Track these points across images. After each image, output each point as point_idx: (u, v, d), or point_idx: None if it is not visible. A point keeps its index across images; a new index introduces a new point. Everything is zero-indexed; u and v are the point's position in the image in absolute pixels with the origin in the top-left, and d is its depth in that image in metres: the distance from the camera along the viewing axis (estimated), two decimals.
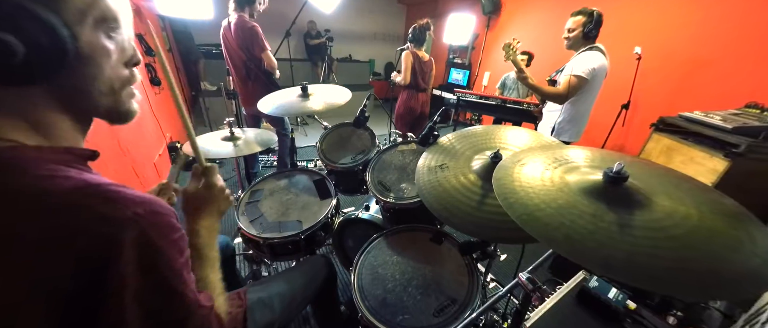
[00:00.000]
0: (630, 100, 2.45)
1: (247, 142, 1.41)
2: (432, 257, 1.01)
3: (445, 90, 5.19)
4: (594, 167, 0.60)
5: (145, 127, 2.38)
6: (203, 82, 4.36)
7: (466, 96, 3.03)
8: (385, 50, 6.65)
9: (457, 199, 0.79)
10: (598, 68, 1.67)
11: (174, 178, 0.81)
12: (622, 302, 0.79)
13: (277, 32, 2.74)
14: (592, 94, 1.80)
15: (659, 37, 2.59)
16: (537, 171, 0.63)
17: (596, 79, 1.71)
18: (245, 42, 2.13)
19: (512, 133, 0.98)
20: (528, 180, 0.61)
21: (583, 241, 0.45)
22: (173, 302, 0.42)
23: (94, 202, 0.36)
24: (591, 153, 0.67)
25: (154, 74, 2.78)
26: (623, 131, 2.72)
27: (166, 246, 0.41)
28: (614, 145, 2.89)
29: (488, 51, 4.89)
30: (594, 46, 1.72)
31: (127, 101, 0.47)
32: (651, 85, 2.62)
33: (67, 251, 0.34)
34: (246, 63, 2.20)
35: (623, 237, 0.44)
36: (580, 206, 0.51)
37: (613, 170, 0.51)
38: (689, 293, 0.39)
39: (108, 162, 1.54)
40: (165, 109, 3.06)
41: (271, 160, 3.24)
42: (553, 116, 1.93)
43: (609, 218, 0.47)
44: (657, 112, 1.91)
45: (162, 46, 3.25)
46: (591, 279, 0.84)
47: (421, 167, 0.96)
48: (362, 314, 0.84)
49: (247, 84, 2.26)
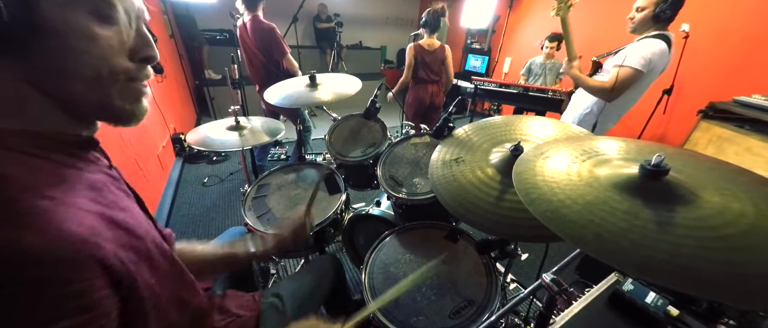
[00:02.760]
0: (673, 85, 2.31)
1: (253, 132, 1.44)
2: (447, 255, 1.00)
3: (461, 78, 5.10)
4: (628, 159, 0.58)
5: (147, 118, 2.43)
6: (207, 70, 4.35)
7: (484, 84, 2.96)
8: (397, 36, 6.55)
9: (473, 195, 0.78)
10: (658, 62, 1.44)
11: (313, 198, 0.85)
12: (662, 308, 0.75)
13: (283, 16, 2.75)
14: (639, 92, 1.58)
15: (711, 12, 2.39)
16: (562, 164, 0.61)
17: (652, 74, 1.47)
18: (264, 43, 2.18)
19: (535, 124, 0.95)
20: (552, 174, 0.59)
21: (616, 240, 0.43)
22: None
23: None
24: (625, 144, 0.64)
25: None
26: (664, 120, 2.59)
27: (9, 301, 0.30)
28: (653, 136, 2.76)
29: (510, 34, 4.74)
30: (662, 33, 1.46)
31: (118, 97, 0.43)
32: (699, 67, 2.45)
33: None
34: (265, 65, 2.26)
35: (662, 236, 0.42)
36: (611, 202, 0.49)
37: (652, 163, 0.48)
38: (745, 300, 0.37)
39: (110, 153, 1.56)
40: (169, 98, 3.09)
41: (278, 154, 3.29)
42: (580, 105, 1.75)
43: (645, 216, 0.45)
44: (705, 98, 1.80)
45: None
46: (625, 282, 0.81)
47: (435, 161, 0.95)
48: (374, 315, 0.85)
49: (265, 80, 2.30)
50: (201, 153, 3.13)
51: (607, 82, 1.52)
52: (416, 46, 2.51)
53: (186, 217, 2.31)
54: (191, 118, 4.05)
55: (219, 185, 2.74)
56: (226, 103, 3.77)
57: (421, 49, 2.51)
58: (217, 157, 3.15)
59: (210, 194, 2.60)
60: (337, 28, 4.97)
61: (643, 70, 1.43)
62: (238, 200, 2.45)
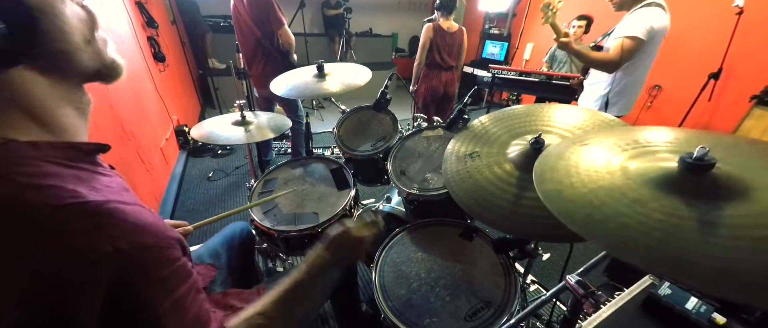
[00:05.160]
0: (722, 68, 2.17)
1: (259, 128, 1.45)
2: (462, 254, 0.99)
3: (478, 67, 5.01)
4: (668, 151, 0.55)
5: (149, 109, 2.44)
6: (211, 59, 4.33)
7: (502, 73, 2.90)
8: (410, 22, 6.47)
9: (490, 192, 0.77)
10: (658, 28, 1.53)
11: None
12: (705, 315, 0.72)
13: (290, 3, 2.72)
14: (649, 59, 1.66)
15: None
16: (592, 159, 0.58)
17: (654, 40, 1.57)
18: (260, 15, 2.08)
19: (560, 112, 0.91)
20: (578, 170, 0.57)
21: (650, 242, 0.41)
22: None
23: (76, 228, 0.35)
24: (664, 134, 0.61)
25: (157, 49, 2.73)
26: (709, 108, 2.44)
27: (148, 287, 0.39)
28: (696, 125, 2.61)
29: (532, 17, 4.61)
30: (651, 1, 1.56)
31: (105, 50, 0.47)
32: (754, 46, 2.27)
33: (27, 281, 0.33)
34: (260, 40, 2.17)
35: (706, 238, 0.39)
36: (644, 200, 0.46)
37: (694, 156, 0.46)
38: None
39: (111, 148, 1.59)
40: (171, 89, 3.10)
41: (285, 147, 3.32)
42: (597, 89, 1.80)
43: (686, 215, 0.43)
44: (761, 82, 1.69)
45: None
46: (661, 285, 0.78)
47: (448, 155, 0.93)
48: (385, 315, 0.85)
49: (259, 63, 2.25)
50: (206, 146, 3.18)
51: (611, 53, 1.59)
52: (435, 26, 2.45)
53: (191, 212, 2.37)
54: (195, 110, 4.09)
55: (224, 179, 2.79)
56: (231, 95, 3.82)
57: (440, 30, 2.46)
58: (223, 150, 3.20)
59: (215, 189, 2.65)
60: (346, 14, 4.91)
61: (643, 38, 1.52)
62: (245, 195, 2.49)
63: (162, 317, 0.40)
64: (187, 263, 0.47)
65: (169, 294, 0.42)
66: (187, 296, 0.44)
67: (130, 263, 0.37)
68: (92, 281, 0.35)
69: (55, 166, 0.38)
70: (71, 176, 0.40)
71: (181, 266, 0.45)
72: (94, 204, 0.37)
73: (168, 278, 0.42)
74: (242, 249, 1.13)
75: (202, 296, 0.49)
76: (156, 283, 0.40)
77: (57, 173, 0.38)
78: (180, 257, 0.45)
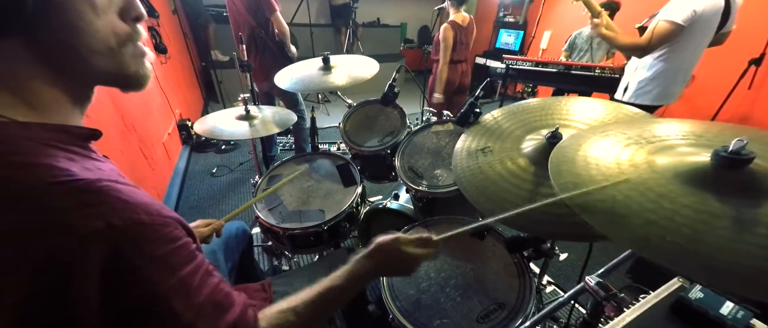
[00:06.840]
0: (765, 53, 2.05)
1: (264, 122, 1.46)
2: (473, 253, 0.99)
3: (491, 57, 4.94)
4: (699, 145, 0.53)
5: (151, 102, 2.46)
6: (214, 50, 4.32)
7: (517, 63, 2.85)
8: (419, 12, 6.41)
9: (502, 188, 0.75)
10: (702, 12, 1.44)
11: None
12: (743, 322, 0.68)
13: None
14: (693, 47, 1.57)
15: None
16: (611, 153, 0.57)
17: (697, 25, 1.47)
18: (254, 2, 2.09)
19: (579, 105, 0.90)
20: (598, 165, 0.55)
21: (679, 239, 0.40)
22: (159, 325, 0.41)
23: (69, 204, 0.36)
24: (692, 127, 0.59)
25: (158, 40, 2.72)
26: (749, 97, 2.31)
27: (146, 264, 0.39)
28: (733, 116, 2.49)
29: (551, 3, 4.49)
30: None
31: (133, 63, 0.46)
32: None
33: (24, 260, 0.34)
34: (255, 29, 2.18)
35: (742, 237, 0.38)
36: (672, 196, 0.45)
37: (730, 150, 0.44)
38: None
39: (112, 141, 1.58)
40: (173, 82, 3.13)
41: (290, 142, 3.34)
42: (636, 75, 1.74)
43: (719, 212, 0.41)
44: None
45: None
46: (691, 288, 0.75)
47: (459, 151, 0.93)
48: (393, 316, 0.85)
49: (255, 56, 2.26)
50: (209, 141, 3.22)
51: (642, 38, 1.54)
52: (453, 24, 2.43)
53: (195, 209, 2.40)
54: (198, 104, 4.12)
55: (228, 175, 2.83)
56: (235, 88, 3.83)
57: (458, 27, 2.44)
58: (226, 145, 3.24)
59: (219, 185, 2.69)
60: (353, 4, 4.88)
61: (683, 23, 1.44)
62: (249, 191, 2.52)
63: (165, 297, 0.40)
64: (192, 244, 0.46)
65: (171, 273, 0.41)
66: (193, 275, 0.44)
67: (124, 240, 0.37)
68: (86, 258, 0.35)
69: (46, 147, 0.39)
70: (63, 157, 0.40)
71: (183, 246, 0.44)
72: (87, 181, 0.38)
73: (167, 256, 0.41)
74: (239, 249, 1.14)
75: (215, 279, 0.48)
76: (153, 260, 0.40)
77: (49, 154, 0.39)
78: (182, 236, 0.44)
